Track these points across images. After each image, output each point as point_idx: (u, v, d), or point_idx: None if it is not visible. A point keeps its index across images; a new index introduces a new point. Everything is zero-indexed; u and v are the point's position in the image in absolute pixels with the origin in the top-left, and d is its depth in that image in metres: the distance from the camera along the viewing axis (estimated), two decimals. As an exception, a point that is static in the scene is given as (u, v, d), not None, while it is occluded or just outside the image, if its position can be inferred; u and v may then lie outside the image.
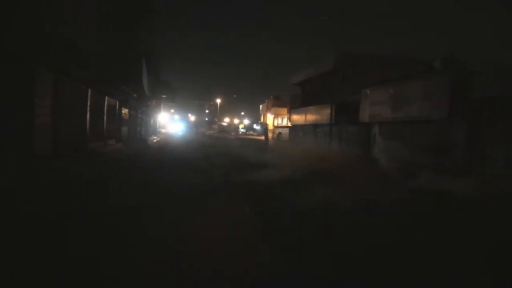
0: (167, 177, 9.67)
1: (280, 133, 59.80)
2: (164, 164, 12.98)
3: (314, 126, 26.65)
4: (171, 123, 68.78)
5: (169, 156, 16.35)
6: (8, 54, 6.96)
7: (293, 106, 34.09)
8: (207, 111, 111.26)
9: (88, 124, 11.57)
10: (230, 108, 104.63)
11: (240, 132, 79.19)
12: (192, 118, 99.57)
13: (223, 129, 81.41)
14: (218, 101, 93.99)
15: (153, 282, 3.27)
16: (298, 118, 31.12)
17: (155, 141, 28.40)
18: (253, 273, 3.59)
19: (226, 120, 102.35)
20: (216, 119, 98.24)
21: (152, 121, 32.63)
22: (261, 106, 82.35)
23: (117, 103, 16.24)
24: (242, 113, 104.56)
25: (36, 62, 7.75)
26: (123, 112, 17.77)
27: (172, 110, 79.73)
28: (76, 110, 10.56)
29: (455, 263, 4.20)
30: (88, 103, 11.50)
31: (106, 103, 13.94)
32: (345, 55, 22.84)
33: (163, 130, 55.97)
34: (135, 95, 18.35)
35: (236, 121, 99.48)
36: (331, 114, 23.21)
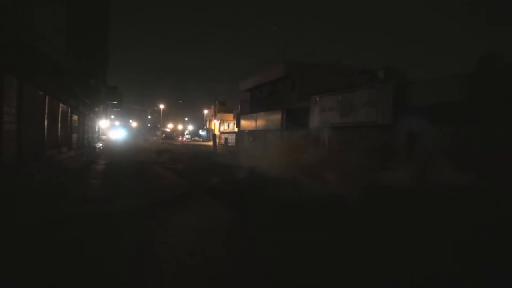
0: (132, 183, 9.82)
1: (226, 138, 60.28)
2: (124, 171, 12.93)
3: (265, 131, 27.52)
4: (112, 130, 66.04)
5: (124, 164, 16.10)
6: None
7: (243, 112, 34.77)
8: (149, 117, 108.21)
9: (45, 131, 11.19)
10: (173, 113, 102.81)
11: (186, 138, 78.25)
12: (134, 124, 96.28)
13: (167, 135, 79.85)
14: (162, 106, 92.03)
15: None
16: (248, 123, 31.83)
17: (103, 148, 27.46)
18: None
19: (170, 126, 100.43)
20: (159, 125, 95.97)
21: (96, 128, 31.42)
22: (205, 111, 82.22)
23: (69, 109, 15.69)
24: (186, 119, 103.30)
25: (2, 67, 7.51)
26: (73, 118, 17.15)
27: (113, 116, 76.49)
28: (35, 116, 10.21)
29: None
30: (46, 110, 11.13)
31: (60, 109, 13.49)
32: (295, 63, 24.03)
33: (104, 137, 53.69)
34: (88, 101, 17.78)
35: (180, 127, 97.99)
36: (282, 119, 24.22)
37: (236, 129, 47.20)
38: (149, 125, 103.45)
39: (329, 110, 18.78)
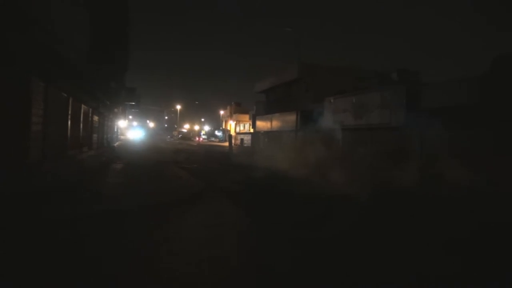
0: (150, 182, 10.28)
1: (242, 139, 60.69)
2: (140, 170, 13.41)
3: (280, 132, 27.77)
4: (130, 130, 67.42)
5: (141, 163, 16.62)
6: (3, 64, 7.25)
7: (258, 113, 35.10)
8: (166, 117, 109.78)
9: (68, 132, 11.77)
10: (190, 114, 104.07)
11: (202, 139, 79.02)
12: (151, 124, 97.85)
13: (184, 136, 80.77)
14: (178, 107, 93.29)
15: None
16: (263, 124, 32.13)
17: (121, 148, 28.23)
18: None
19: (186, 126, 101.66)
20: (175, 126, 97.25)
21: (115, 128, 32.29)
22: (221, 112, 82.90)
23: (90, 110, 16.33)
24: (202, 120, 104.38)
25: (29, 72, 8.04)
26: (94, 119, 17.82)
27: (131, 117, 78.03)
28: (59, 118, 10.78)
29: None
30: (69, 111, 11.71)
31: (82, 110, 14.10)
32: (308, 65, 24.23)
33: (122, 137, 54.89)
34: (108, 103, 18.44)
35: (196, 127, 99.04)
36: (296, 120, 24.43)
37: (251, 130, 47.55)
38: (166, 125, 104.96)
39: (342, 112, 18.91)
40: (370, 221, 6.77)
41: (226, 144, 47.29)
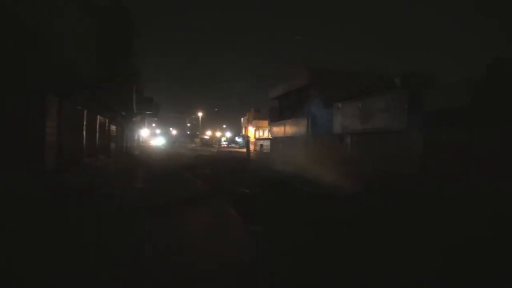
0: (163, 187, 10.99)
1: (261, 145, 61.27)
2: (153, 177, 14.20)
3: (292, 138, 28.24)
4: (153, 138, 69.45)
5: (154, 170, 17.43)
6: (20, 80, 8.14)
7: (272, 119, 35.72)
8: (188, 124, 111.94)
9: (84, 141, 12.68)
10: (211, 121, 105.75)
11: (223, 145, 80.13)
12: (173, 132, 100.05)
13: (205, 143, 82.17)
14: (200, 114, 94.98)
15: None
16: (278, 130, 32.71)
17: (140, 155, 29.35)
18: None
19: (208, 133, 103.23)
20: (197, 133, 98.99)
21: (136, 136, 33.53)
22: (242, 119, 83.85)
23: (107, 120, 17.33)
24: (224, 126, 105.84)
25: (44, 88, 8.92)
26: (111, 129, 18.84)
27: (154, 125, 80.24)
28: (74, 128, 11.69)
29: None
30: (84, 122, 12.63)
31: (98, 121, 15.06)
32: (318, 70, 24.67)
33: (145, 145, 56.64)
34: (124, 113, 19.48)
35: (218, 134, 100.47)
36: (307, 126, 24.85)
37: (270, 136, 48.10)
38: (188, 132, 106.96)
39: (350, 117, 19.21)
40: (376, 222, 7.19)
41: (245, 150, 48.01)
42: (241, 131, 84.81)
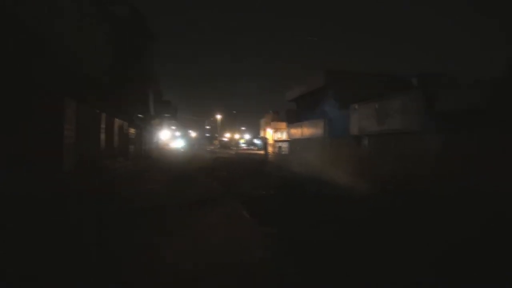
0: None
1: (280, 147, 61.21)
2: (169, 178, 14.42)
3: (309, 139, 28.11)
4: (172, 140, 70.44)
5: (173, 172, 17.71)
6: (39, 85, 8.49)
7: (290, 121, 35.68)
8: (207, 127, 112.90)
9: (102, 144, 13.05)
10: (230, 123, 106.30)
11: (241, 147, 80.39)
12: (193, 134, 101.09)
13: (224, 145, 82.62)
14: (218, 117, 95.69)
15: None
16: (295, 132, 32.63)
17: (158, 157, 29.83)
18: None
19: (227, 135, 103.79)
20: (216, 135, 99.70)
21: (155, 139, 34.12)
22: (261, 120, 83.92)
23: (125, 123, 17.75)
24: (243, 128, 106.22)
25: (62, 93, 9.27)
26: (130, 131, 19.27)
27: (174, 127, 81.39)
28: (93, 131, 12.06)
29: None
30: (102, 125, 13.00)
31: (116, 124, 15.45)
32: (334, 72, 24.50)
33: (165, 147, 57.50)
34: (141, 116, 19.91)
35: (236, 136, 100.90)
36: (324, 127, 24.70)
37: (288, 138, 47.99)
38: (207, 134, 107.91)
39: (367, 118, 18.99)
40: (388, 223, 7.16)
41: (263, 152, 48.15)
42: (259, 133, 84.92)
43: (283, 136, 60.81)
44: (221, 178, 15.46)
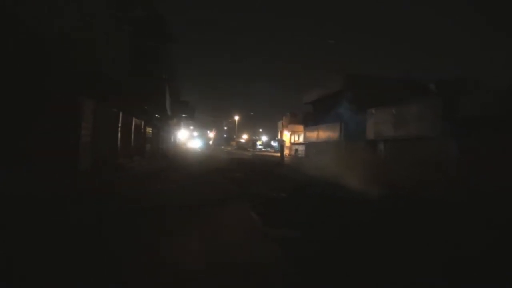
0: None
1: (296, 149, 61.01)
2: (183, 178, 14.57)
3: (325, 143, 27.97)
4: (190, 140, 71.15)
5: (188, 171, 17.90)
6: (57, 84, 8.76)
7: (306, 124, 35.59)
8: (225, 127, 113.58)
9: (118, 143, 13.33)
10: (248, 124, 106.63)
11: (258, 149, 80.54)
12: (210, 134, 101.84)
13: (241, 146, 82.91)
14: (236, 118, 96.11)
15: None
16: (311, 135, 32.54)
17: (175, 157, 30.17)
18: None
19: (244, 136, 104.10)
20: (234, 136, 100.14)
21: (172, 138, 34.56)
22: (278, 123, 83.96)
23: (142, 123, 18.07)
24: (260, 130, 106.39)
25: (80, 91, 9.55)
26: (147, 131, 19.61)
27: (192, 127, 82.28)
28: (110, 130, 12.34)
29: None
30: (119, 124, 13.28)
31: (133, 123, 15.76)
32: (352, 76, 24.33)
33: (183, 146, 58.14)
34: (158, 116, 20.23)
35: (253, 137, 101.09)
36: (340, 131, 24.54)
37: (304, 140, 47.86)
38: (225, 135, 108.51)
39: (383, 123, 18.80)
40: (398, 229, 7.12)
41: (279, 154, 48.00)
42: (277, 135, 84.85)
43: (300, 138, 60.74)
44: (237, 179, 15.49)
